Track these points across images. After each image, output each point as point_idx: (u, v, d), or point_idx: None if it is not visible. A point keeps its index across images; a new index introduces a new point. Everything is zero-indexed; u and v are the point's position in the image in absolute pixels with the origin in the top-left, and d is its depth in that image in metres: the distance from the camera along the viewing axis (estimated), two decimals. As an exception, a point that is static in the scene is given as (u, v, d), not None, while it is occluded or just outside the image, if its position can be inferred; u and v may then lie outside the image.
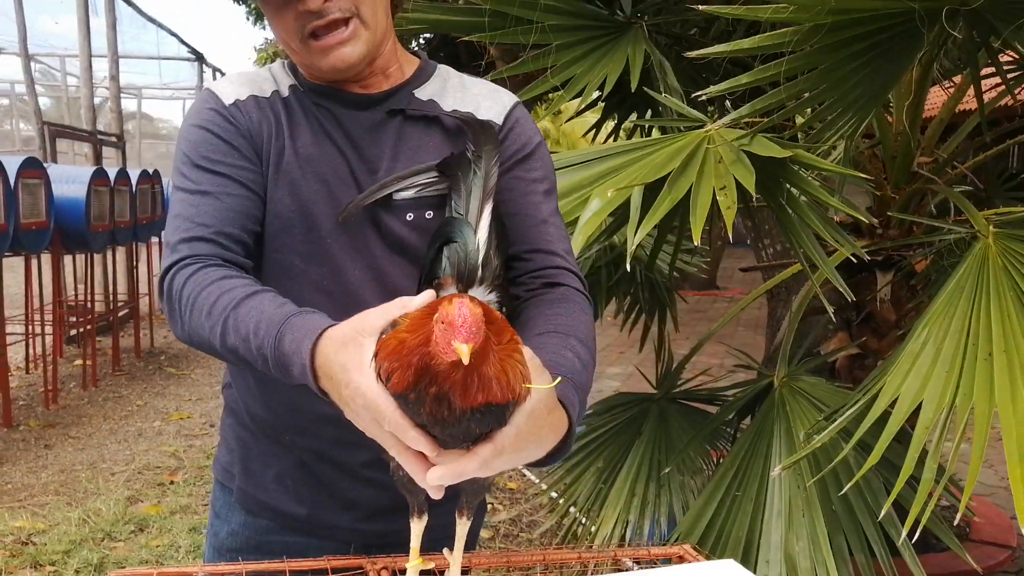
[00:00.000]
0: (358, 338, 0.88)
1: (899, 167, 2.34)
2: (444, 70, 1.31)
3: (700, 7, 1.64)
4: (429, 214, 1.19)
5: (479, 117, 1.20)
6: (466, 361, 0.77)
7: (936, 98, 3.96)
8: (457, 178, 1.13)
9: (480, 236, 1.07)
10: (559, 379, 0.90)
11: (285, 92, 1.23)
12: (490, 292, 1.05)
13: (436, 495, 0.90)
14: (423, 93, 1.25)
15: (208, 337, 1.04)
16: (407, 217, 1.19)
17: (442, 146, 1.22)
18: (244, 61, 44.89)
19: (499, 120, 1.25)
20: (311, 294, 1.19)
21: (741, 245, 11.91)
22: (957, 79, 2.53)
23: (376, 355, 0.85)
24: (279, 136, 1.20)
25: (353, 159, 1.20)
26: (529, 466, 0.98)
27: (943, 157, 2.37)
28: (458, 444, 0.86)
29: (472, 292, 1.04)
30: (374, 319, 0.89)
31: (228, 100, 1.21)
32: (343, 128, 1.21)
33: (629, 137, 3.16)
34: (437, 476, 0.85)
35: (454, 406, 0.82)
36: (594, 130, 3.03)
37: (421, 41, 7.69)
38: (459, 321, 0.78)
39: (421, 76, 1.27)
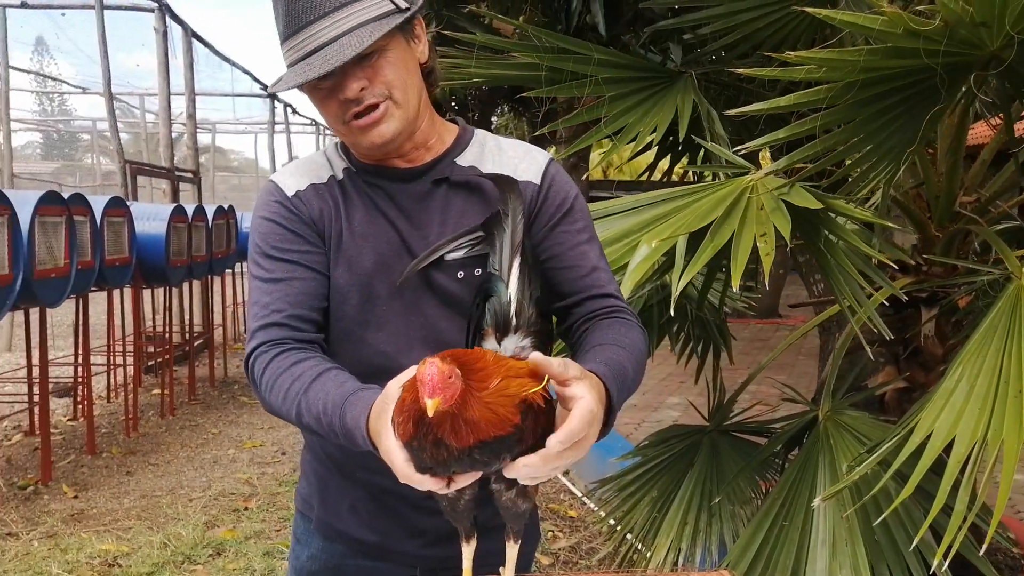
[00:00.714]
0: (384, 406, 1.07)
1: (942, 207, 2.42)
2: (481, 135, 1.43)
3: (740, 70, 1.76)
4: (477, 271, 1.32)
5: (517, 178, 1.34)
6: (430, 413, 0.95)
7: (982, 130, 3.99)
8: (493, 236, 1.27)
9: (511, 288, 1.21)
10: (546, 381, 1.05)
11: (340, 175, 1.38)
12: (524, 338, 1.19)
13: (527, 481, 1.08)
14: (464, 160, 1.38)
15: (287, 417, 1.23)
16: (458, 275, 1.33)
17: (486, 207, 1.35)
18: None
19: (536, 180, 1.37)
20: (370, 356, 1.34)
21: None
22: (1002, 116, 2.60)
23: (392, 415, 1.05)
24: (337, 218, 1.35)
25: (404, 229, 1.34)
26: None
27: (985, 196, 2.44)
28: (473, 469, 1.04)
29: (508, 339, 1.19)
30: (392, 387, 1.08)
31: (290, 192, 1.36)
32: (394, 201, 1.36)
33: (683, 177, 3.29)
34: (525, 471, 1.04)
35: (451, 448, 0.99)
36: (648, 171, 3.16)
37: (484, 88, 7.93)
38: (427, 380, 0.96)
39: (460, 144, 1.40)
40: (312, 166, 1.41)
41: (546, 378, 1.05)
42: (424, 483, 1.04)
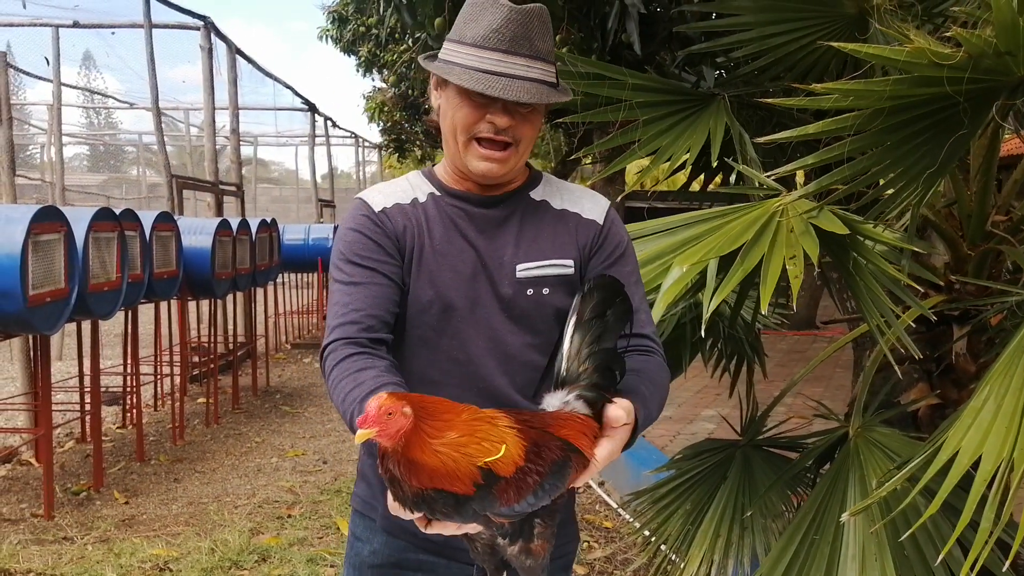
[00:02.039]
0: None
1: (974, 225, 2.44)
2: (547, 176, 1.62)
3: (770, 100, 1.82)
4: (546, 291, 1.50)
5: (583, 215, 1.55)
6: (356, 441, 1.06)
7: (1017, 143, 3.98)
8: (578, 301, 1.40)
9: (563, 348, 1.35)
10: (503, 450, 1.16)
11: (423, 198, 1.55)
12: (568, 394, 1.32)
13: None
14: (536, 195, 1.57)
15: (343, 416, 1.36)
16: (527, 292, 1.50)
17: (554, 237, 1.53)
18: (353, 108, 47.39)
19: (600, 219, 1.57)
20: (442, 362, 1.51)
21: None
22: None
23: None
24: (420, 235, 1.51)
25: (482, 249, 1.50)
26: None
27: (1018, 215, 2.46)
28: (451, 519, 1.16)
29: (558, 393, 1.32)
30: None
31: (377, 208, 1.53)
32: (473, 223, 1.52)
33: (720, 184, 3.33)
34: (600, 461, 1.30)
35: (404, 486, 1.09)
36: (684, 187, 3.22)
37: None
38: (365, 412, 1.06)
39: (533, 181, 1.59)
40: (398, 189, 1.57)
41: (502, 448, 1.15)
42: (400, 513, 1.17)
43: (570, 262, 1.52)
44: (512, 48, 1.41)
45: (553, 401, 1.33)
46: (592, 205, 1.58)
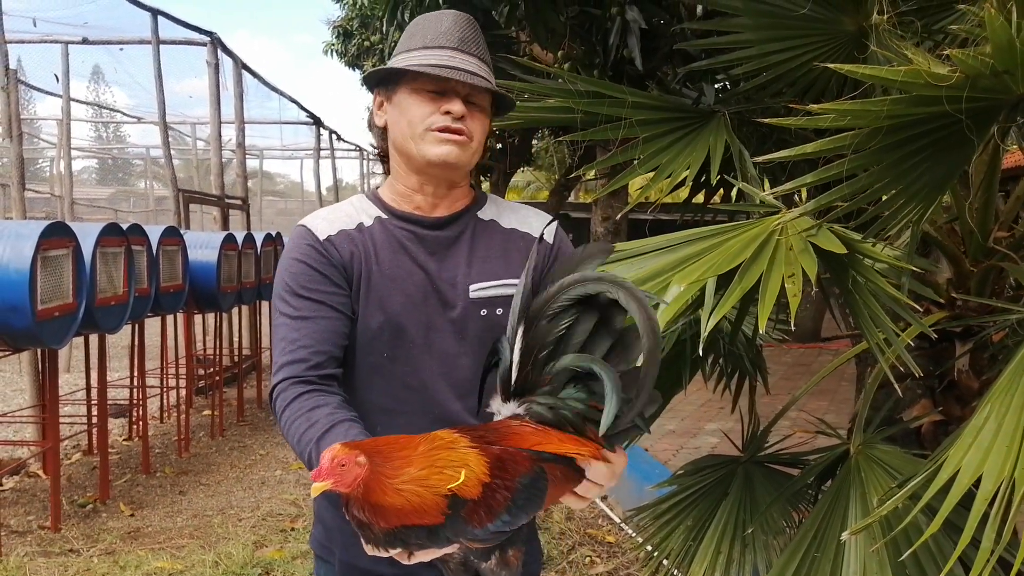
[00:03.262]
0: None
1: (976, 242, 2.45)
2: (492, 197, 1.63)
3: (767, 119, 1.83)
4: (499, 311, 1.47)
5: (533, 235, 1.53)
6: (312, 495, 1.08)
7: (1019, 156, 3.98)
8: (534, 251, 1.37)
9: (514, 356, 1.25)
10: (462, 475, 1.14)
11: (369, 222, 1.52)
12: (519, 406, 1.25)
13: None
14: (485, 214, 1.56)
15: (300, 457, 1.35)
16: (481, 312, 1.48)
17: (504, 255, 1.52)
18: (357, 121, 47.73)
19: (549, 238, 1.56)
20: (396, 390, 1.48)
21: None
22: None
23: None
24: (367, 261, 1.48)
25: (432, 271, 1.48)
26: None
27: (1021, 231, 2.46)
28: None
29: (507, 404, 1.26)
30: None
31: (322, 236, 1.49)
32: (423, 245, 1.50)
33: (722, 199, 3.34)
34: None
35: (375, 528, 1.10)
36: (684, 202, 3.23)
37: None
38: (320, 464, 1.08)
39: (479, 202, 1.58)
40: (342, 214, 1.54)
41: (462, 473, 1.12)
42: (377, 553, 1.15)
43: None
44: (462, 47, 1.45)
45: (505, 411, 1.26)
46: (539, 221, 1.58)
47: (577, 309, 1.24)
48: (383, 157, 1.55)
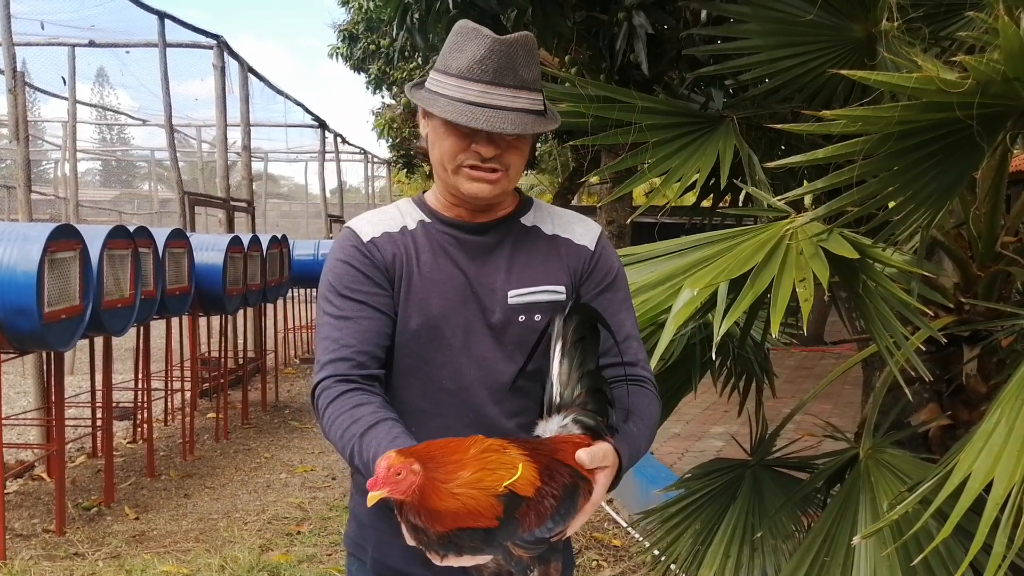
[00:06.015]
0: None
1: (984, 247, 2.45)
2: (538, 202, 1.62)
3: (778, 125, 1.84)
4: (537, 317, 1.49)
5: (575, 241, 1.54)
6: (368, 504, 1.11)
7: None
8: (560, 323, 1.42)
9: (552, 375, 1.37)
10: (520, 469, 1.20)
11: (412, 226, 1.54)
12: (565, 419, 1.33)
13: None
14: (527, 220, 1.57)
15: (341, 453, 1.37)
16: (519, 318, 1.49)
17: (545, 263, 1.53)
18: (362, 124, 48.05)
19: (591, 245, 1.56)
20: (434, 392, 1.49)
21: (851, 300, 11.72)
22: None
23: None
24: (408, 263, 1.50)
25: (472, 275, 1.50)
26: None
27: (1028, 237, 2.47)
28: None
29: (551, 420, 1.34)
30: None
31: (366, 238, 1.52)
32: (464, 250, 1.51)
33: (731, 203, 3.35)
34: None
35: (429, 533, 1.12)
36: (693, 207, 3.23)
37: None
38: (375, 474, 1.11)
39: (523, 207, 1.59)
40: (387, 217, 1.56)
41: (520, 467, 1.18)
42: (434, 559, 1.20)
43: (561, 288, 1.51)
44: (496, 79, 1.40)
45: (550, 427, 1.33)
46: (583, 230, 1.57)
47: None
48: (425, 156, 1.56)
